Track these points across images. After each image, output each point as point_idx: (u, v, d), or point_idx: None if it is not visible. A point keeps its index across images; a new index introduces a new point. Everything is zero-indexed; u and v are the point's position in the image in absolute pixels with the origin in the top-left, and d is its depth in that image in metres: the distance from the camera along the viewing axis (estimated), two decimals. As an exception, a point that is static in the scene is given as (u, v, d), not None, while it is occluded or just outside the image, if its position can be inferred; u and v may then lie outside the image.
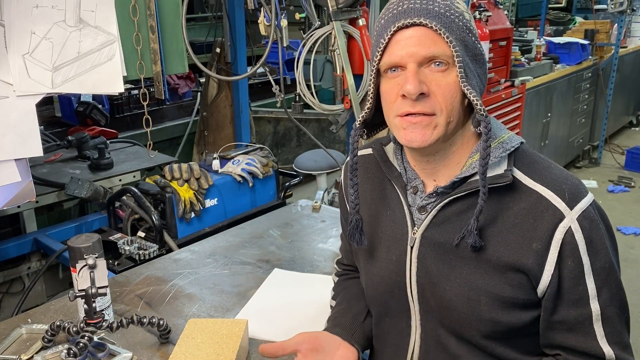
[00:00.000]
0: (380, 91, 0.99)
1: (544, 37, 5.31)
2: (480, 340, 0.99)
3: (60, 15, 1.47)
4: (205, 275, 1.61)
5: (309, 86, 2.25)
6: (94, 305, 1.18)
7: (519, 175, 0.96)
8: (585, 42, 5.10)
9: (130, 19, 1.61)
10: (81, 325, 1.19)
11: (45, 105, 3.46)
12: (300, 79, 2.21)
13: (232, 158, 2.22)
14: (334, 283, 1.34)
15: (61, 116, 3.46)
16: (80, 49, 1.50)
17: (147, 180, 2.06)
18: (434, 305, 1.02)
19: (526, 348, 1.01)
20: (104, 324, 1.20)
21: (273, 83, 2.20)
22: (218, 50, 3.13)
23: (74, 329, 1.18)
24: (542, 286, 0.94)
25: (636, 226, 4.16)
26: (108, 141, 2.85)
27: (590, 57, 5.22)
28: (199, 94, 3.71)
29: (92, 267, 1.19)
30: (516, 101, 4.00)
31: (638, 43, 6.30)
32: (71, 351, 1.11)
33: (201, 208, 2.02)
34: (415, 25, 0.91)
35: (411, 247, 1.04)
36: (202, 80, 4.05)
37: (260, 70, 2.25)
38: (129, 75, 1.62)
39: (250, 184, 2.16)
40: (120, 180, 2.57)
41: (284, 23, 2.10)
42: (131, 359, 1.21)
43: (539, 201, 0.93)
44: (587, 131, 5.64)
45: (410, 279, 1.04)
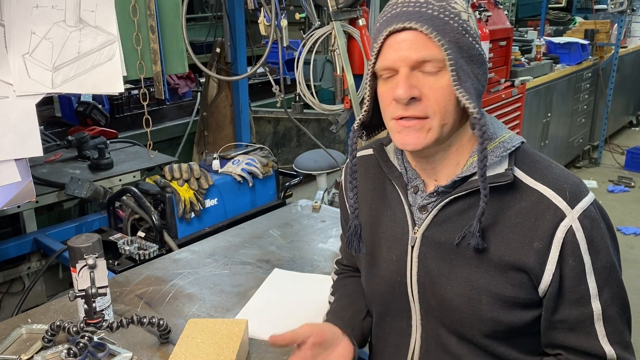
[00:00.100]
0: (378, 94, 1.00)
1: (544, 37, 5.30)
2: (481, 339, 0.99)
3: (60, 15, 1.47)
4: (205, 275, 1.61)
5: (309, 86, 2.25)
6: (94, 305, 1.18)
7: (520, 174, 0.97)
8: (585, 42, 5.10)
9: (130, 19, 1.61)
10: (81, 325, 1.19)
11: (45, 105, 3.46)
12: (300, 79, 2.21)
13: (232, 158, 2.22)
14: (332, 281, 1.34)
15: (61, 116, 3.46)
16: (80, 49, 1.50)
17: (147, 180, 2.06)
18: (434, 304, 1.02)
19: (527, 347, 1.01)
20: (104, 324, 1.20)
21: (273, 83, 2.20)
22: (218, 50, 3.12)
23: (74, 329, 1.18)
24: (543, 285, 0.94)
25: (636, 226, 4.16)
26: (108, 141, 2.85)
27: (590, 57, 5.22)
28: (199, 94, 3.71)
29: (92, 267, 1.19)
30: (516, 101, 4.00)
31: (638, 43, 6.30)
32: (71, 351, 1.11)
33: (201, 208, 2.02)
34: (407, 29, 0.91)
35: (412, 247, 1.04)
36: (202, 80, 4.05)
37: (260, 70, 2.25)
38: (129, 75, 1.62)
39: (250, 184, 2.16)
40: (120, 180, 2.57)
41: (284, 23, 2.09)
42: (131, 359, 1.21)
43: (540, 200, 0.94)
44: (587, 131, 5.64)
45: (411, 279, 1.04)
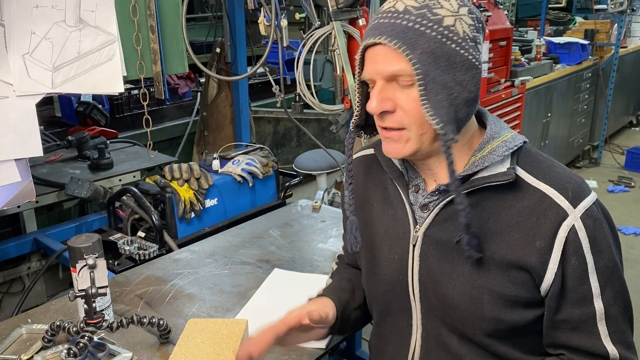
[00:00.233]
0: None
1: (544, 37, 5.30)
2: (482, 339, 0.99)
3: (60, 15, 1.47)
4: (205, 275, 1.61)
5: (309, 86, 2.25)
6: (94, 305, 1.18)
7: (522, 173, 0.97)
8: (585, 42, 5.10)
9: (130, 19, 1.61)
10: (81, 325, 1.19)
11: (45, 105, 3.46)
12: (300, 79, 2.21)
13: (232, 158, 2.22)
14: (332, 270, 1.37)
15: (61, 116, 3.46)
16: (80, 49, 1.50)
17: (147, 180, 2.06)
18: (436, 303, 1.02)
19: (529, 347, 1.01)
20: (104, 324, 1.20)
21: (273, 83, 2.20)
22: (218, 50, 3.12)
23: (74, 329, 1.18)
24: (546, 285, 0.94)
25: (636, 226, 4.16)
26: (108, 141, 2.85)
27: (590, 57, 5.22)
28: (199, 94, 3.71)
29: (92, 267, 1.19)
30: (516, 101, 4.00)
31: (638, 43, 6.30)
32: (71, 351, 1.11)
33: (201, 208, 2.02)
34: (378, 44, 0.92)
35: (413, 246, 1.04)
36: (202, 80, 4.05)
37: (260, 70, 2.25)
38: (129, 75, 1.62)
39: (250, 184, 2.16)
40: (120, 180, 2.57)
41: (284, 23, 2.09)
42: (131, 359, 1.21)
43: (542, 199, 0.94)
44: (587, 131, 5.63)
45: (412, 278, 1.05)
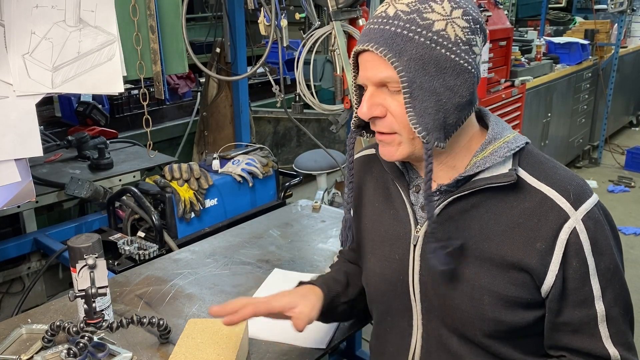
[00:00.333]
0: None
1: (544, 37, 5.30)
2: (482, 339, 0.99)
3: (60, 15, 1.47)
4: (205, 275, 1.61)
5: (309, 86, 2.25)
6: (94, 305, 1.18)
7: (524, 174, 0.97)
8: (585, 42, 5.10)
9: (130, 19, 1.61)
10: (81, 325, 1.19)
11: (45, 105, 3.46)
12: (300, 79, 2.21)
13: (232, 158, 2.22)
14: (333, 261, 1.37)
15: (61, 116, 3.46)
16: (80, 49, 1.50)
17: (147, 180, 2.06)
18: (436, 304, 1.02)
19: (529, 348, 1.01)
20: (104, 324, 1.20)
21: (273, 83, 2.20)
22: (218, 50, 3.12)
23: (74, 329, 1.18)
24: (546, 286, 0.94)
25: (636, 226, 4.16)
26: (108, 141, 2.85)
27: (590, 57, 5.22)
28: (199, 94, 3.71)
29: (92, 267, 1.19)
30: (516, 101, 4.00)
31: (638, 43, 6.30)
32: (71, 351, 1.11)
33: (201, 208, 2.02)
34: (367, 50, 0.93)
35: (414, 246, 1.04)
36: (202, 80, 4.05)
37: (260, 70, 2.25)
38: (129, 75, 1.62)
39: (250, 184, 2.16)
40: (120, 180, 2.57)
41: (284, 23, 2.09)
42: (131, 359, 1.21)
43: (543, 201, 0.94)
44: (587, 131, 5.63)
45: (412, 278, 1.05)
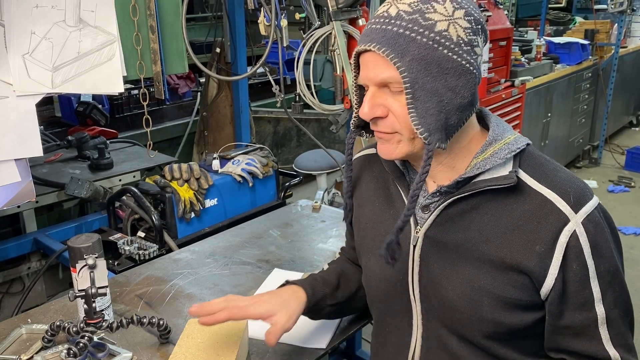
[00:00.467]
0: None
1: (544, 37, 5.30)
2: (481, 340, 0.99)
3: (60, 15, 1.47)
4: (205, 275, 1.61)
5: (309, 86, 2.25)
6: (94, 305, 1.18)
7: (524, 177, 0.96)
8: (585, 42, 5.10)
9: (130, 19, 1.61)
10: (81, 325, 1.19)
11: (45, 105, 3.46)
12: (300, 79, 2.21)
13: (232, 158, 2.22)
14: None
15: (61, 116, 3.46)
16: (80, 49, 1.50)
17: (147, 180, 2.06)
18: (435, 305, 1.02)
19: (528, 349, 1.01)
20: (104, 324, 1.20)
21: (273, 83, 2.20)
22: (218, 50, 3.12)
23: (74, 329, 1.18)
24: (546, 289, 0.94)
25: (636, 226, 4.16)
26: (108, 141, 2.85)
27: (590, 57, 5.22)
28: (199, 94, 3.71)
29: (92, 267, 1.19)
30: (516, 101, 4.00)
31: (638, 43, 6.30)
32: (71, 351, 1.11)
33: (201, 208, 2.02)
34: (368, 50, 0.92)
35: (414, 246, 1.04)
36: (202, 80, 4.05)
37: (260, 70, 2.25)
38: (129, 75, 1.62)
39: (250, 184, 2.16)
40: (120, 180, 2.57)
41: (284, 23, 2.09)
42: (131, 359, 1.21)
43: (543, 204, 0.93)
44: (587, 131, 5.63)
45: (412, 278, 1.05)
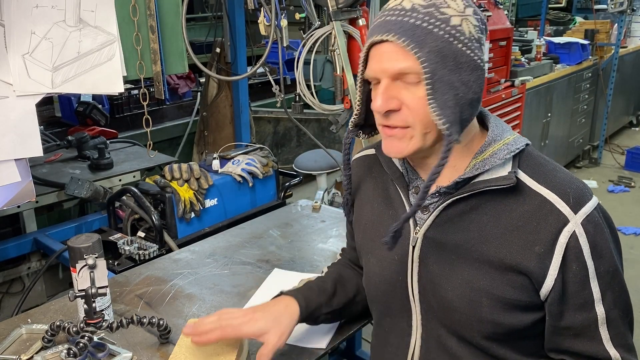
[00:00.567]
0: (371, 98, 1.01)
1: (544, 37, 5.30)
2: (481, 341, 0.99)
3: (60, 15, 1.47)
4: (205, 275, 1.61)
5: (309, 86, 2.25)
6: (94, 305, 1.18)
7: (524, 177, 0.96)
8: (585, 42, 5.10)
9: (130, 19, 1.61)
10: (81, 325, 1.19)
11: (45, 105, 3.46)
12: (300, 79, 2.21)
13: (232, 158, 2.22)
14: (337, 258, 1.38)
15: (61, 116, 3.46)
16: (80, 49, 1.50)
17: (147, 180, 2.06)
18: (435, 305, 1.02)
19: (527, 350, 1.01)
20: (104, 324, 1.20)
21: (273, 83, 2.20)
22: (218, 50, 3.12)
23: (74, 329, 1.18)
24: (545, 290, 0.94)
25: (636, 226, 4.16)
26: (108, 141, 2.85)
27: (590, 57, 5.22)
28: (199, 94, 3.71)
29: (92, 267, 1.19)
30: (516, 101, 4.00)
31: (638, 43, 6.30)
32: (71, 351, 1.11)
33: (201, 208, 2.02)
34: (386, 41, 0.91)
35: (413, 247, 1.04)
36: (202, 80, 4.05)
37: (260, 70, 2.25)
38: (129, 75, 1.62)
39: (250, 184, 2.16)
40: (120, 180, 2.57)
41: (284, 23, 2.09)
42: (131, 359, 1.21)
43: (543, 204, 0.93)
44: (587, 131, 5.63)
45: (411, 279, 1.05)
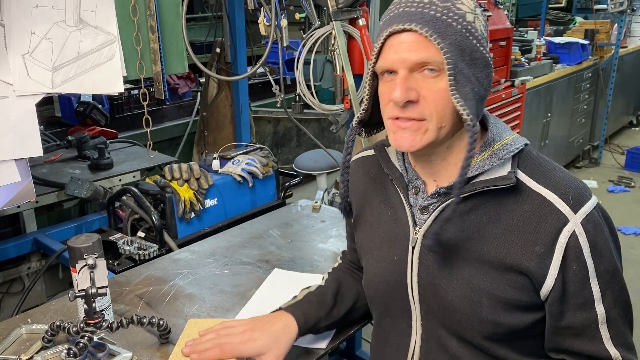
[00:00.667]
0: (378, 92, 1.00)
1: (544, 37, 5.30)
2: (481, 341, 0.99)
3: (60, 15, 1.47)
4: (205, 275, 1.61)
5: (309, 86, 2.25)
6: (94, 305, 1.18)
7: (523, 177, 0.96)
8: (585, 42, 5.10)
9: (130, 19, 1.61)
10: (81, 325, 1.19)
11: (45, 105, 3.46)
12: (300, 79, 2.21)
13: (232, 158, 2.22)
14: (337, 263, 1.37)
15: (61, 116, 3.46)
16: (80, 49, 1.50)
17: (147, 180, 2.06)
18: (435, 306, 1.02)
19: (527, 350, 1.01)
20: (104, 324, 1.20)
21: (273, 83, 2.20)
22: (218, 50, 3.12)
23: (74, 329, 1.18)
24: (545, 290, 0.94)
25: (636, 226, 4.16)
26: (108, 141, 2.85)
27: (590, 57, 5.22)
28: (199, 94, 3.71)
29: (92, 267, 1.19)
30: (516, 101, 4.00)
31: (638, 43, 6.30)
32: (71, 351, 1.11)
33: (201, 208, 2.02)
34: (407, 30, 0.91)
35: (412, 248, 1.04)
36: (202, 80, 4.05)
37: (260, 70, 2.25)
38: (129, 75, 1.62)
39: (250, 184, 2.16)
40: (120, 180, 2.57)
41: (284, 23, 2.09)
42: (131, 359, 1.21)
43: (542, 204, 0.93)
44: (587, 131, 5.63)
45: (411, 280, 1.04)
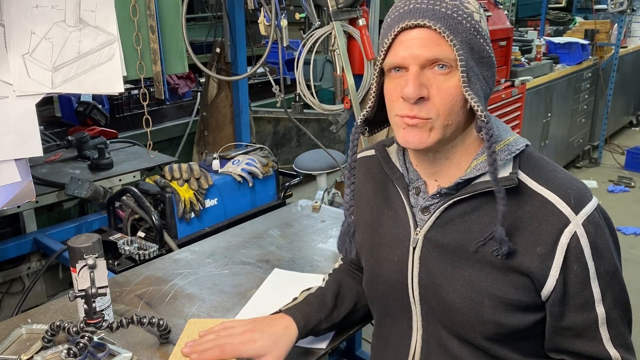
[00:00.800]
0: (384, 90, 0.99)
1: (544, 37, 5.30)
2: (482, 342, 0.99)
3: (60, 15, 1.47)
4: (205, 275, 1.61)
5: (309, 86, 2.25)
6: (94, 305, 1.18)
7: (524, 178, 0.96)
8: (585, 42, 5.10)
9: (130, 19, 1.61)
10: (81, 325, 1.19)
11: (45, 105, 3.46)
12: (300, 79, 2.21)
13: (232, 158, 2.22)
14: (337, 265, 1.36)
15: (61, 116, 3.46)
16: (80, 49, 1.50)
17: (147, 180, 2.06)
18: (436, 306, 1.02)
19: (528, 350, 1.01)
20: (104, 324, 1.20)
21: (273, 83, 2.20)
22: (218, 50, 3.12)
23: (74, 329, 1.18)
24: (546, 290, 0.94)
25: (636, 226, 4.16)
26: (108, 141, 2.85)
27: (590, 57, 5.22)
28: (199, 94, 3.71)
29: (92, 267, 1.19)
30: (516, 101, 4.00)
31: (638, 43, 6.30)
32: (71, 351, 1.11)
33: (201, 208, 2.02)
34: (419, 26, 0.90)
35: (413, 248, 1.04)
36: (202, 80, 4.05)
37: (260, 70, 2.25)
38: (129, 75, 1.62)
39: (250, 184, 2.16)
40: (120, 180, 2.57)
41: (284, 23, 2.09)
42: (131, 359, 1.21)
43: (543, 205, 0.93)
44: (587, 131, 5.63)
45: (412, 280, 1.04)
